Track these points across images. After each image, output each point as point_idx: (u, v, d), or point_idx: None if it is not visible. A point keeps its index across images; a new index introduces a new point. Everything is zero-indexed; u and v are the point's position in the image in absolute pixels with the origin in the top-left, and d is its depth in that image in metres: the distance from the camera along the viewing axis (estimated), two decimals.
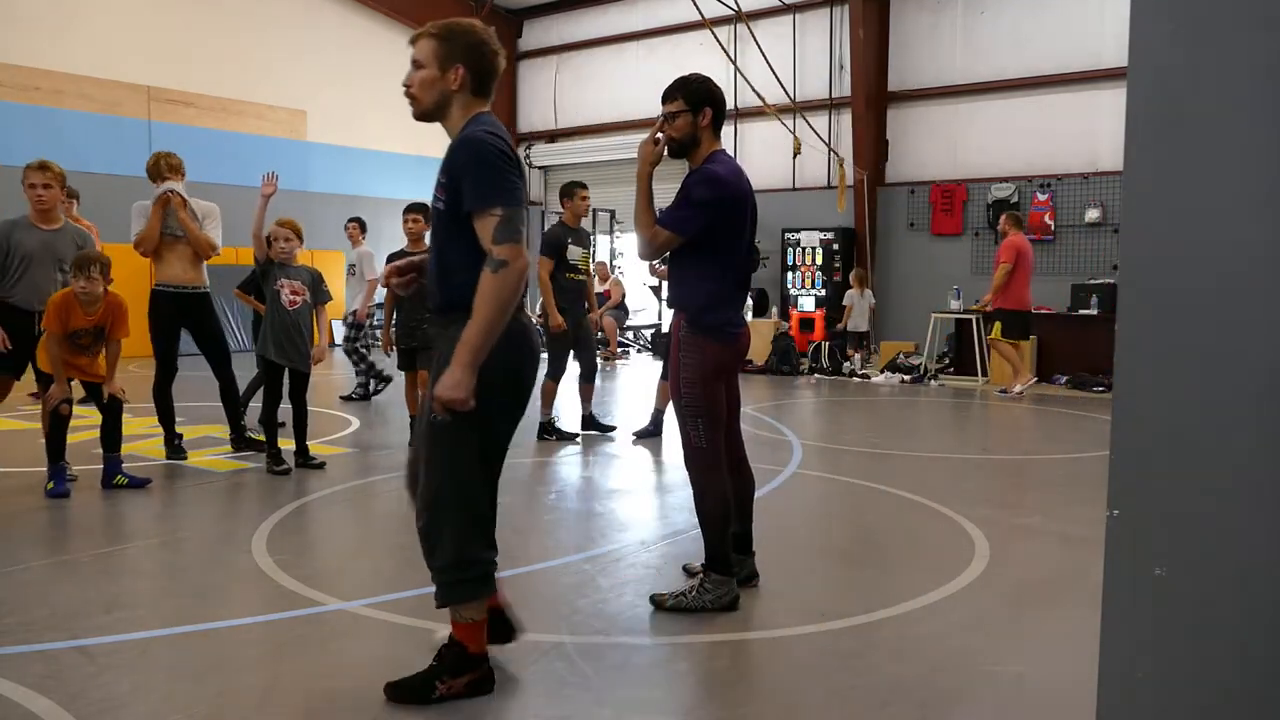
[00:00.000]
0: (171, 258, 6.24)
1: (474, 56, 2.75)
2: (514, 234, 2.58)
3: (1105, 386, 10.42)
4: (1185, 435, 1.23)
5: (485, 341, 2.56)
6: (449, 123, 2.79)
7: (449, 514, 2.73)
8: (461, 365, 2.54)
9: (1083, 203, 12.53)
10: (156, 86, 13.80)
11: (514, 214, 2.60)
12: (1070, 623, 3.54)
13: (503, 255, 2.56)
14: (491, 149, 2.63)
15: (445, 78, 2.74)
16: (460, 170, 2.63)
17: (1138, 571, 1.26)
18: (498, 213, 2.58)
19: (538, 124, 18.57)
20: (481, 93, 2.80)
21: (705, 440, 3.59)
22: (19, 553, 4.24)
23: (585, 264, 7.34)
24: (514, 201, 2.62)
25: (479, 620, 2.83)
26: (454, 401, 2.55)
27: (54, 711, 2.70)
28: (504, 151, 2.66)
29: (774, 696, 2.90)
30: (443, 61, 2.74)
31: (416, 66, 2.77)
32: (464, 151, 2.65)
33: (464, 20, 2.85)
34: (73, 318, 5.09)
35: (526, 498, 5.50)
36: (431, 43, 2.75)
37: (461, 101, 2.77)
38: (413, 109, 2.82)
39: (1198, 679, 1.23)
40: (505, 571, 4.10)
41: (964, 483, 5.94)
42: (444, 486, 2.72)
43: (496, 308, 2.56)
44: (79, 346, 5.20)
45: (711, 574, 3.60)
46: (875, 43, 13.86)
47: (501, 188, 2.60)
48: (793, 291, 14.59)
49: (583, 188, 7.30)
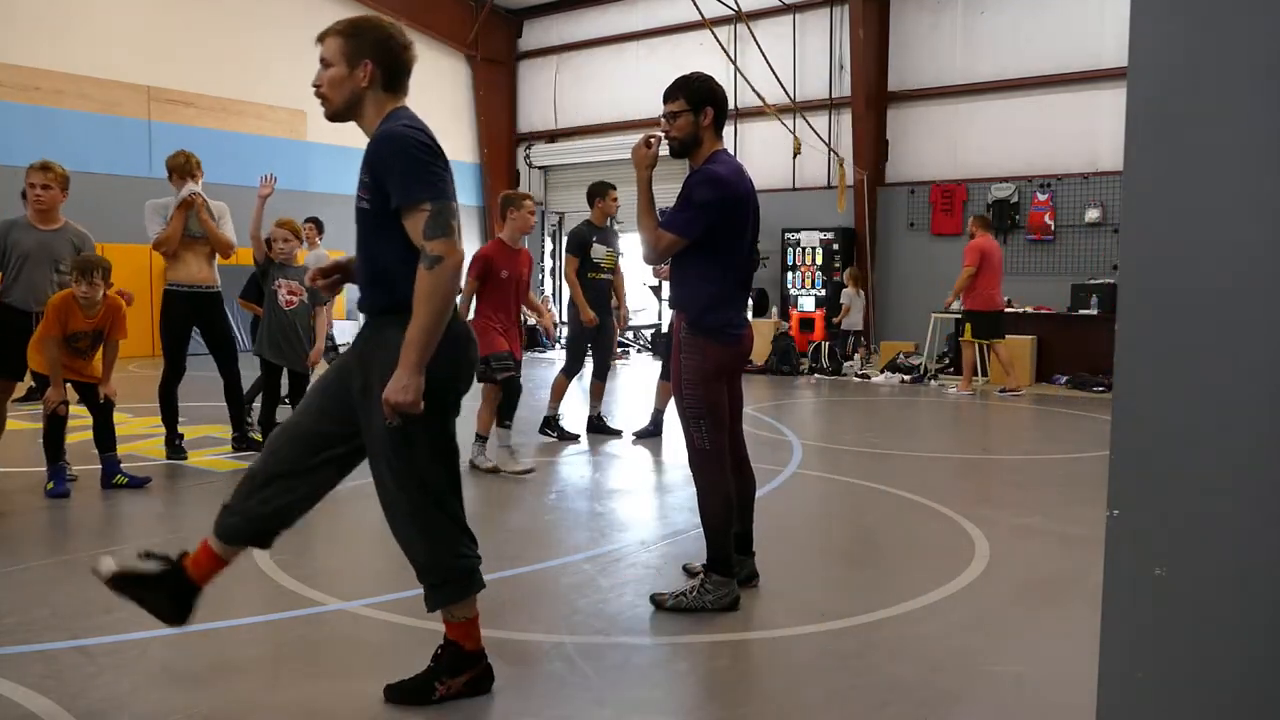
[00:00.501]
0: (189, 257, 6.23)
1: (382, 51, 2.69)
2: (445, 228, 2.53)
3: (1105, 386, 10.42)
4: (1185, 435, 1.23)
5: (431, 340, 2.53)
6: (363, 121, 2.73)
7: (421, 519, 2.70)
8: (409, 367, 2.51)
9: (1083, 203, 12.52)
10: (156, 86, 13.79)
11: (443, 208, 2.55)
12: (1070, 623, 3.54)
13: (436, 250, 2.51)
14: (414, 142, 2.58)
15: (354, 75, 2.67)
16: (384, 168, 2.57)
17: (1138, 571, 1.26)
18: (427, 208, 2.53)
19: (538, 124, 18.56)
20: (394, 88, 2.73)
21: (708, 441, 3.59)
22: (19, 553, 4.24)
23: (611, 262, 7.37)
24: (442, 195, 2.57)
25: (471, 618, 2.82)
26: (404, 405, 2.51)
27: (54, 711, 2.70)
28: (427, 144, 2.60)
29: (774, 696, 2.90)
30: (350, 58, 2.67)
31: (325, 65, 2.70)
32: (386, 147, 2.59)
33: (370, 15, 2.80)
34: (72, 321, 5.09)
35: (526, 498, 5.50)
36: (338, 40, 2.69)
37: (374, 98, 2.70)
38: (324, 109, 2.74)
39: (1198, 679, 1.23)
40: (506, 571, 4.11)
41: (964, 483, 5.94)
42: (412, 493, 2.68)
43: (438, 305, 2.52)
44: (75, 350, 5.19)
45: (713, 575, 3.60)
46: (875, 43, 13.85)
47: (428, 182, 2.55)
48: (793, 291, 14.59)
49: (613, 188, 7.32)
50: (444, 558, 2.71)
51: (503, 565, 4.14)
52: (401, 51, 2.73)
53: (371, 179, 2.61)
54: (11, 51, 12.46)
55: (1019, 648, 3.31)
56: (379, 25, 2.73)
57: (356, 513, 5.33)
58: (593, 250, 7.23)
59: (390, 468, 2.67)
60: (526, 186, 18.91)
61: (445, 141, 2.77)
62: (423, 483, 2.67)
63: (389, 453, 2.65)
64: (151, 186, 13.64)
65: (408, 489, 2.67)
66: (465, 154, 18.33)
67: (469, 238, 20.69)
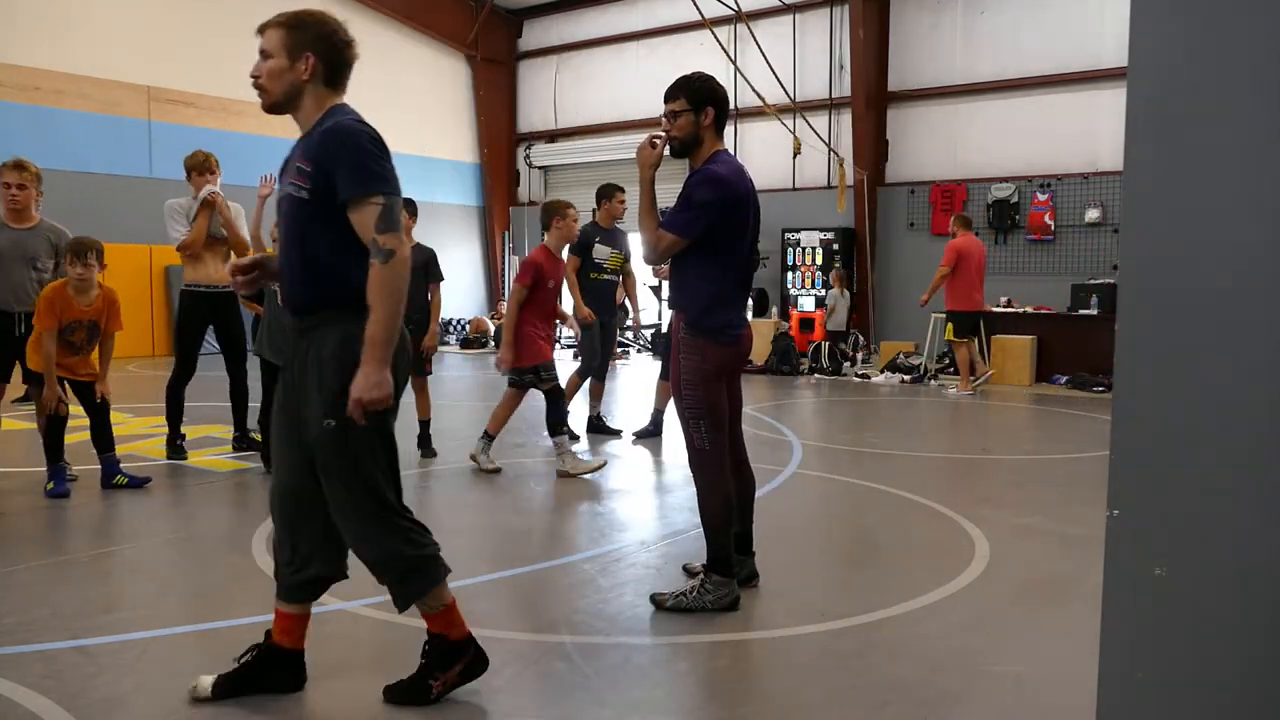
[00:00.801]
0: (208, 257, 6.24)
1: (324, 46, 2.68)
2: (395, 222, 2.55)
3: (1105, 386, 10.42)
4: (1185, 435, 1.23)
5: (392, 335, 2.54)
6: (301, 114, 2.71)
7: (373, 519, 2.67)
8: (376, 363, 2.51)
9: (1083, 203, 12.53)
10: (156, 86, 13.79)
11: (394, 202, 2.57)
12: (1070, 623, 3.54)
13: (389, 244, 2.52)
14: (366, 137, 2.59)
15: (295, 68, 2.66)
16: (332, 160, 2.55)
17: (1138, 571, 1.26)
18: (379, 201, 2.53)
19: (538, 124, 18.56)
20: (334, 83, 2.72)
21: (708, 441, 3.59)
22: (19, 553, 4.24)
23: (616, 264, 7.35)
24: (394, 190, 2.59)
25: (448, 605, 2.79)
26: (376, 400, 2.51)
27: (54, 711, 2.70)
28: (378, 140, 2.62)
29: (774, 696, 2.90)
30: (291, 51, 2.65)
31: (264, 56, 2.68)
32: (336, 140, 2.58)
33: (314, 10, 2.76)
34: (67, 310, 5.06)
35: (526, 498, 5.50)
36: (279, 32, 2.67)
37: (314, 92, 2.69)
38: (262, 100, 2.72)
39: (1198, 679, 1.23)
40: (506, 571, 4.11)
41: (964, 483, 5.94)
42: (359, 494, 2.65)
43: (396, 298, 2.53)
44: (70, 344, 5.15)
45: (713, 575, 3.60)
46: (875, 43, 13.85)
47: (380, 176, 2.56)
48: (793, 291, 14.59)
49: (620, 190, 7.31)
50: (400, 551, 2.69)
51: (503, 565, 4.14)
52: (344, 47, 2.72)
53: (315, 169, 2.58)
54: (11, 51, 12.46)
55: (1019, 648, 3.31)
56: (322, 20, 2.72)
57: None
58: (595, 251, 7.22)
59: (336, 471, 2.64)
60: (526, 186, 18.91)
61: (445, 141, 2.77)
62: (369, 482, 2.65)
63: (333, 457, 2.63)
64: (151, 186, 13.69)
65: (355, 490, 2.65)
66: (465, 154, 18.32)
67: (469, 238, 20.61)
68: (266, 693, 2.81)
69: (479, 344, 15.86)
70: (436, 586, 2.76)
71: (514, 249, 18.77)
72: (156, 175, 13.71)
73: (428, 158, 17.33)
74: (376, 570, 2.74)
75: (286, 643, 2.84)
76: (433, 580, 2.75)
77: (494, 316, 16.94)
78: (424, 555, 2.73)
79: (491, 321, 16.50)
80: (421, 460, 6.39)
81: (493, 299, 18.55)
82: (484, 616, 3.47)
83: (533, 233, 18.62)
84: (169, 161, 13.71)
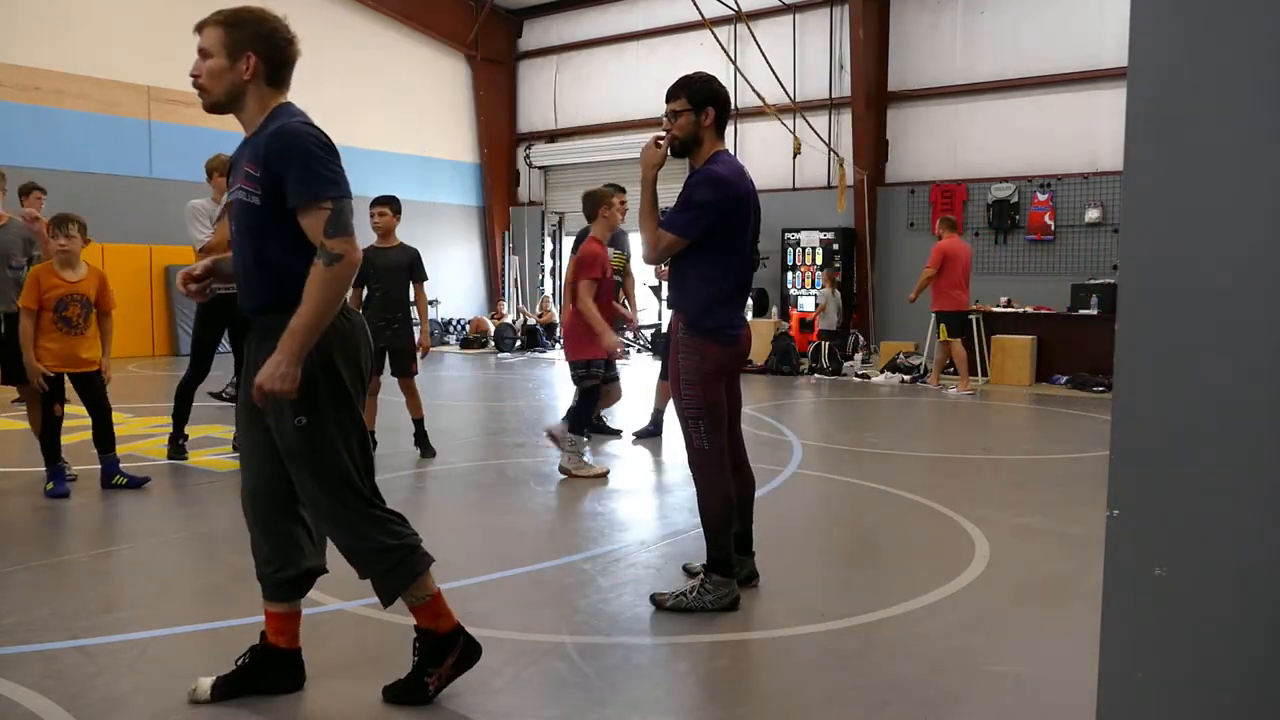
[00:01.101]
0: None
1: (265, 44, 2.63)
2: (345, 227, 2.52)
3: (1105, 386, 10.42)
4: (1185, 435, 1.22)
5: (313, 333, 2.50)
6: (244, 114, 2.67)
7: (347, 512, 2.66)
8: (288, 354, 2.47)
9: (1083, 203, 12.52)
10: (156, 86, 13.79)
11: (344, 206, 2.54)
12: (1070, 623, 3.54)
13: (336, 249, 2.49)
14: (313, 139, 2.55)
15: (236, 67, 2.61)
16: (280, 164, 2.52)
17: (1138, 571, 1.26)
18: (327, 206, 2.51)
19: (538, 124, 18.56)
20: (277, 82, 2.67)
21: (707, 441, 3.59)
22: (19, 553, 4.24)
23: (619, 264, 7.32)
24: (343, 193, 2.55)
25: (433, 596, 2.76)
26: (280, 392, 2.48)
27: (54, 711, 2.70)
28: (326, 142, 2.58)
29: (774, 696, 2.90)
30: (231, 50, 2.60)
31: (203, 56, 2.62)
32: (282, 144, 2.53)
33: (254, 7, 2.69)
34: (54, 286, 5.05)
35: (527, 498, 5.50)
36: (218, 30, 2.61)
37: (256, 92, 2.65)
38: (203, 101, 2.67)
39: (1198, 679, 1.23)
40: (506, 571, 4.11)
41: (964, 483, 5.94)
42: (333, 488, 2.63)
43: (328, 299, 2.50)
44: (67, 321, 5.12)
45: (713, 575, 3.60)
46: (875, 43, 13.85)
47: (329, 180, 2.53)
48: (793, 291, 14.59)
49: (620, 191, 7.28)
50: (379, 543, 2.67)
51: (503, 565, 4.14)
52: (286, 45, 2.67)
53: (265, 174, 2.55)
54: (11, 51, 12.46)
55: (1019, 648, 3.31)
56: (262, 17, 2.65)
57: None
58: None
59: (308, 467, 2.63)
60: (526, 186, 18.91)
61: (445, 141, 2.77)
62: (344, 473, 2.63)
63: (307, 453, 2.61)
64: (151, 186, 13.69)
65: (328, 484, 2.63)
66: (465, 154, 18.32)
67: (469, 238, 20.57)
68: (265, 694, 2.81)
69: (479, 344, 15.86)
70: (420, 577, 2.73)
71: (514, 249, 18.76)
72: (156, 175, 13.72)
73: (428, 158, 17.33)
74: (356, 561, 2.71)
75: (281, 642, 2.84)
76: (414, 571, 2.71)
77: (493, 316, 16.94)
78: (404, 545, 2.70)
79: (491, 322, 16.50)
80: (420, 460, 6.39)
81: (492, 299, 18.55)
82: (484, 616, 3.47)
83: (533, 233, 18.63)
84: (169, 161, 13.72)
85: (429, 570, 2.76)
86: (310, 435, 2.60)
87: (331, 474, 2.63)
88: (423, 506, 5.34)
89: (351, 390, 2.66)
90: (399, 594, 2.73)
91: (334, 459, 2.62)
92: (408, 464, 6.27)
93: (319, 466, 2.62)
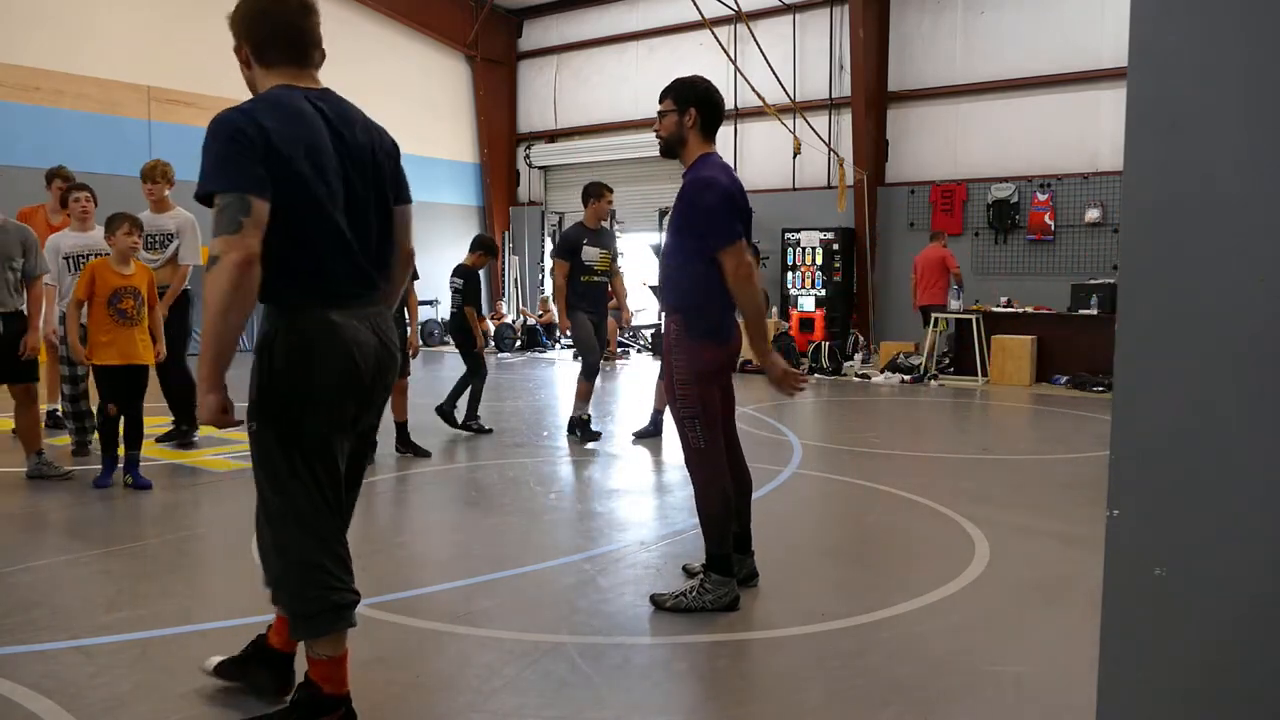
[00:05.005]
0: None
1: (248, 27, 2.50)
2: (228, 223, 2.22)
3: (1105, 386, 10.42)
4: (1185, 435, 1.23)
5: (217, 353, 2.26)
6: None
7: (278, 533, 2.44)
8: (201, 383, 2.28)
9: (1083, 203, 12.52)
10: (156, 86, 13.79)
11: (230, 200, 2.23)
12: (1070, 623, 3.54)
13: (214, 248, 2.23)
14: (226, 126, 2.28)
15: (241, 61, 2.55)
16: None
17: (1138, 571, 1.26)
18: (218, 201, 2.25)
19: (538, 124, 18.56)
20: (265, 63, 2.50)
21: (703, 440, 3.59)
22: (19, 553, 4.24)
23: (605, 264, 7.31)
24: (231, 185, 2.24)
25: (336, 657, 2.49)
26: (212, 422, 2.29)
27: (54, 711, 2.70)
28: (241, 128, 2.28)
29: (774, 696, 2.90)
30: (235, 45, 2.53)
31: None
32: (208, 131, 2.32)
33: None
34: (107, 280, 5.30)
35: (527, 498, 5.49)
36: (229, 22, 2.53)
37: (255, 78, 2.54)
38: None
39: (1197, 679, 1.23)
40: (506, 571, 4.11)
41: (964, 483, 5.94)
42: (272, 504, 2.43)
43: (214, 311, 2.21)
44: (122, 313, 5.33)
45: (712, 574, 3.60)
46: (875, 43, 13.85)
47: (221, 171, 2.25)
48: (793, 291, 14.58)
49: (608, 190, 7.28)
50: (297, 585, 2.44)
51: (503, 565, 4.14)
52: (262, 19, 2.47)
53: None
54: (11, 51, 12.45)
55: (1019, 648, 3.31)
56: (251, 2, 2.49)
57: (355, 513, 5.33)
58: (583, 253, 7.18)
59: (259, 477, 2.47)
60: (526, 186, 18.91)
61: (445, 141, 2.75)
62: (286, 497, 2.40)
63: (255, 462, 2.46)
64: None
65: (267, 499, 2.44)
66: (465, 154, 18.31)
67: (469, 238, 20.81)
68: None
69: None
70: (331, 635, 2.47)
71: (514, 249, 18.76)
72: None
73: (428, 158, 17.31)
74: (272, 591, 2.53)
75: (276, 644, 2.82)
76: (321, 629, 2.46)
77: (493, 317, 16.94)
78: (327, 602, 2.44)
79: (491, 322, 16.49)
80: (417, 460, 6.39)
81: (492, 299, 18.55)
82: (484, 616, 3.47)
83: (533, 233, 18.63)
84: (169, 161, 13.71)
85: (345, 632, 2.51)
86: (259, 442, 2.43)
87: (274, 489, 2.42)
88: (422, 506, 5.35)
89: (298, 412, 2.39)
90: (301, 639, 2.53)
91: (278, 477, 2.41)
92: (407, 464, 6.27)
93: (264, 476, 2.44)
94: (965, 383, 11.36)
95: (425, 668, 3.07)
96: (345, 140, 2.47)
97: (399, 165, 2.68)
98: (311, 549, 2.44)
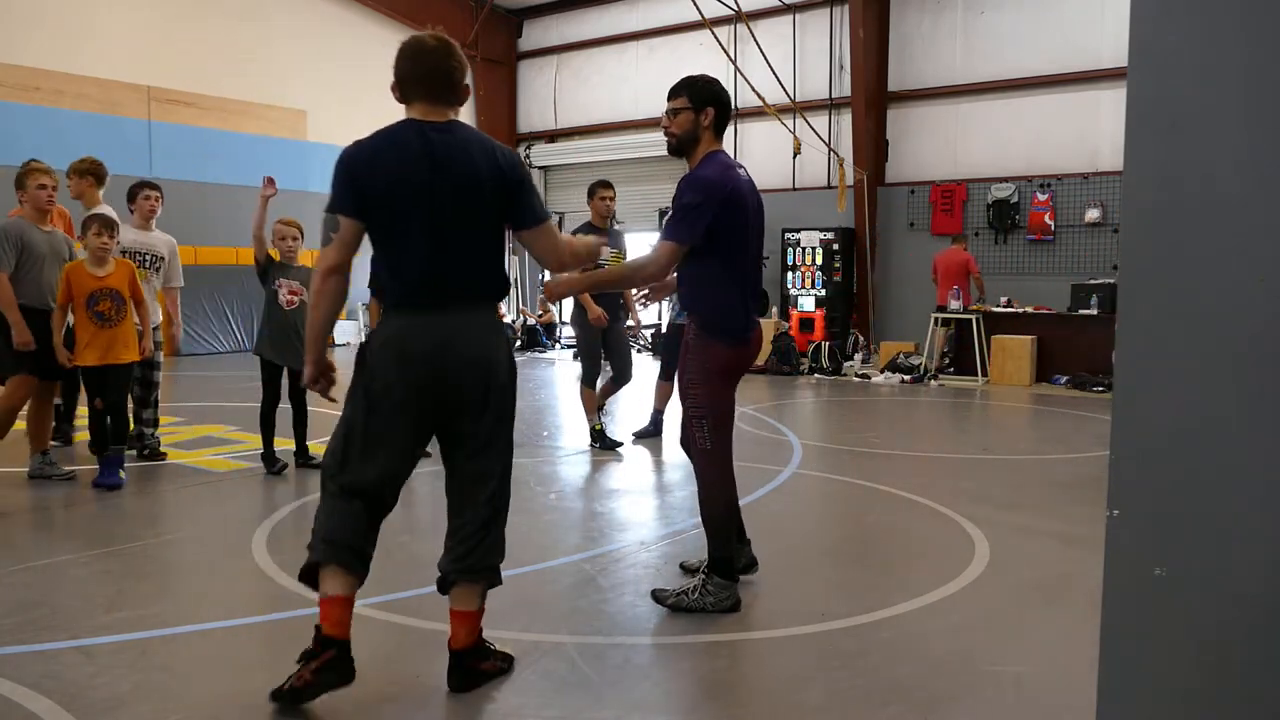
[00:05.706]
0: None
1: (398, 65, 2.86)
2: (324, 238, 2.88)
3: (1105, 386, 10.42)
4: (1185, 435, 1.23)
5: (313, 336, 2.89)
6: None
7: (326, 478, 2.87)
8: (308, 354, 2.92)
9: (1083, 203, 12.52)
10: (156, 86, 13.78)
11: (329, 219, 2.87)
12: (1070, 623, 3.54)
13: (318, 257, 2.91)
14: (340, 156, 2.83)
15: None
16: None
17: (1138, 571, 1.26)
18: (325, 218, 2.93)
19: (538, 124, 18.57)
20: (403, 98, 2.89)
21: (710, 441, 3.59)
22: (19, 553, 4.24)
23: (617, 263, 7.21)
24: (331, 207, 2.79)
25: (331, 596, 2.75)
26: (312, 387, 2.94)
27: (54, 711, 2.70)
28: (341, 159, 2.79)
29: (774, 696, 2.90)
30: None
31: None
32: None
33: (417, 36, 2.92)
34: (84, 282, 5.25)
35: (527, 498, 5.49)
36: None
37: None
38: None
39: (1197, 679, 1.23)
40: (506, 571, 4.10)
41: (964, 483, 5.94)
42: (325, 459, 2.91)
43: (309, 305, 2.87)
44: (100, 315, 5.30)
45: (714, 577, 3.59)
46: (875, 43, 13.85)
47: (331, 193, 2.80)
48: (793, 291, 14.58)
49: (604, 187, 7.11)
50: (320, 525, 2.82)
51: (503, 565, 4.13)
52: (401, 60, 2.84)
53: None
54: (11, 51, 12.45)
55: (1019, 648, 3.31)
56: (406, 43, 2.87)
57: None
58: None
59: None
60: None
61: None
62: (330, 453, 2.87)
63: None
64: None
65: (330, 448, 2.89)
66: None
67: None
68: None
69: None
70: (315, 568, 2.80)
71: (514, 249, 18.75)
72: (156, 175, 13.68)
73: None
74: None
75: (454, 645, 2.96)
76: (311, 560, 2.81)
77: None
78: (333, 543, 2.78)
79: None
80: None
81: None
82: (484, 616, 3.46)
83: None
84: (169, 161, 13.70)
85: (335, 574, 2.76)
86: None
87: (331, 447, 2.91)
88: (422, 506, 5.34)
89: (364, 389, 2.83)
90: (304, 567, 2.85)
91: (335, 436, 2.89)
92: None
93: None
94: (965, 383, 11.36)
95: (425, 668, 3.07)
96: (444, 170, 2.74)
97: (517, 192, 2.87)
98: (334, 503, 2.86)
